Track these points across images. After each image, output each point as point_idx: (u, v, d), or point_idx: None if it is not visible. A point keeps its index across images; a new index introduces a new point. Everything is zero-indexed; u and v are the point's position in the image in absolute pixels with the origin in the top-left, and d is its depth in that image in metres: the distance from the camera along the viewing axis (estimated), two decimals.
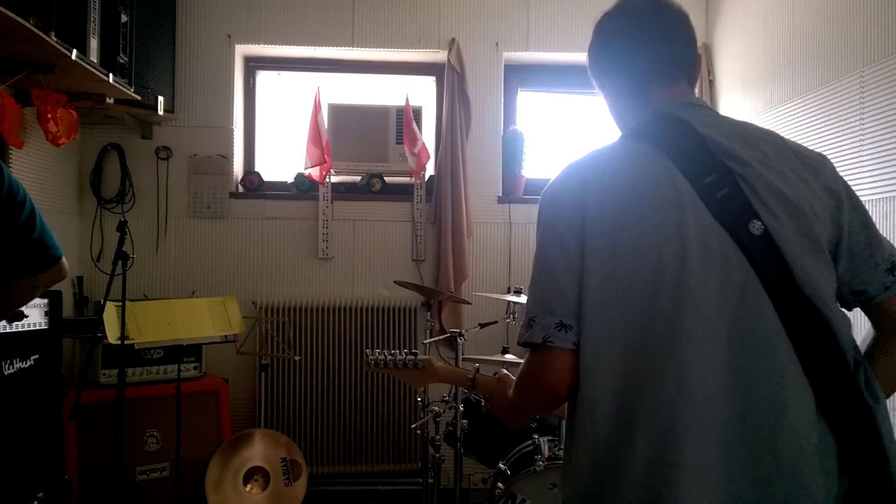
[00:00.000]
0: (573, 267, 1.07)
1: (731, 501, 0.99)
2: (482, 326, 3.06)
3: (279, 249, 3.69)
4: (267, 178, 3.78)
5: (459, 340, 2.73)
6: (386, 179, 3.75)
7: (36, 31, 2.11)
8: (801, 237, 1.05)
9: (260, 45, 3.73)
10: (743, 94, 3.50)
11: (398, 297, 3.64)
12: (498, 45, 3.81)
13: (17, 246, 1.50)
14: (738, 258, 1.03)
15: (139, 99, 3.06)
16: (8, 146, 2.67)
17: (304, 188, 3.72)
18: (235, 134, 3.73)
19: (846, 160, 2.61)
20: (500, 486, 2.58)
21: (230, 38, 3.68)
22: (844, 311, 1.12)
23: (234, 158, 3.71)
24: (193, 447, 3.03)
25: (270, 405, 3.55)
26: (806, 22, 2.93)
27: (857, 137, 2.57)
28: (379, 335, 3.64)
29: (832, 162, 1.17)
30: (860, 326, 1.17)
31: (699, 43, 3.73)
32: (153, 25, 3.30)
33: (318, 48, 3.77)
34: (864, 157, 2.53)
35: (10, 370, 2.30)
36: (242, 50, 3.78)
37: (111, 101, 2.96)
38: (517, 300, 2.89)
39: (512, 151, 3.84)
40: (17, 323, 2.32)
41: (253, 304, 3.58)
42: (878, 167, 2.46)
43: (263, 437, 3.25)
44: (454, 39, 3.74)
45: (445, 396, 2.81)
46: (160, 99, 3.31)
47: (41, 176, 3.15)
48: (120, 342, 2.55)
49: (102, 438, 2.79)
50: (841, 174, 1.16)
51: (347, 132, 3.67)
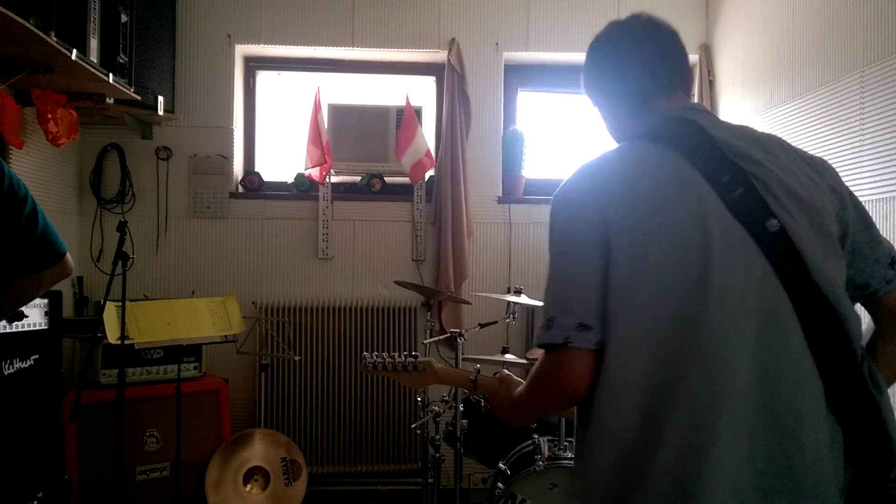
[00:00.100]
0: (594, 266, 1.06)
1: (759, 493, 1.00)
2: (482, 326, 3.06)
3: (279, 249, 3.69)
4: (267, 178, 3.78)
5: (459, 340, 2.73)
6: (386, 179, 3.75)
7: (36, 31, 2.11)
8: (814, 234, 1.08)
9: (260, 45, 3.73)
10: (743, 94, 3.50)
11: (398, 297, 3.64)
12: (498, 45, 3.81)
13: (19, 243, 1.48)
14: (756, 255, 1.05)
15: (139, 99, 3.06)
16: (8, 146, 2.67)
17: (304, 188, 3.72)
18: (235, 134, 3.73)
19: (846, 160, 2.61)
20: (500, 486, 2.58)
21: (230, 38, 3.68)
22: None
23: (234, 158, 3.71)
24: (193, 447, 3.03)
25: (270, 405, 3.55)
26: (806, 22, 2.93)
27: (857, 137, 2.57)
28: (379, 335, 3.65)
29: (832, 165, 1.21)
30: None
31: (699, 43, 3.80)
32: (153, 25, 3.30)
33: (318, 48, 3.77)
34: (864, 157, 2.53)
35: (10, 370, 2.30)
36: (242, 50, 3.78)
37: (111, 101, 2.96)
38: (517, 300, 2.89)
39: (512, 151, 3.83)
40: (17, 323, 2.32)
41: (253, 304, 3.58)
42: (878, 167, 2.46)
43: (263, 437, 3.25)
44: (454, 39, 3.74)
45: (445, 396, 2.81)
46: (160, 99, 3.31)
47: (41, 176, 3.15)
48: (120, 342, 2.55)
49: (102, 438, 2.79)
50: (841, 175, 1.20)
51: (347, 132, 3.67)
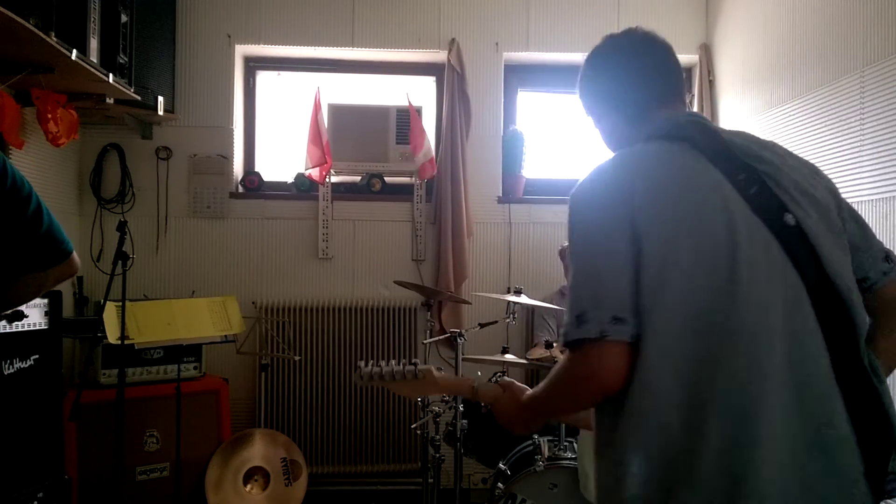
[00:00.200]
0: (624, 260, 1.07)
1: (802, 472, 1.02)
2: (482, 326, 3.06)
3: (279, 249, 3.69)
4: (267, 178, 3.78)
5: (459, 340, 2.73)
6: (386, 179, 3.75)
7: (36, 31, 2.11)
8: (825, 229, 1.13)
9: (260, 45, 3.73)
10: (743, 94, 3.50)
11: (398, 297, 3.64)
12: (498, 45, 3.81)
13: (25, 240, 1.47)
14: (777, 249, 1.10)
15: (139, 99, 3.06)
16: (8, 146, 2.67)
17: (304, 188, 3.72)
18: (235, 134, 3.73)
19: (846, 160, 2.61)
20: (500, 486, 2.58)
21: (230, 38, 3.68)
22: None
23: (234, 158, 3.71)
24: (193, 447, 3.03)
25: (270, 405, 3.55)
26: (806, 22, 2.93)
27: (857, 137, 2.57)
28: (379, 335, 3.65)
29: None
30: None
31: (699, 43, 3.80)
32: (153, 25, 3.30)
33: (318, 48, 3.77)
34: (864, 157, 2.53)
35: (10, 370, 2.30)
36: (242, 50, 3.78)
37: (111, 101, 2.96)
38: (517, 300, 2.89)
39: (512, 151, 3.83)
40: (17, 323, 2.32)
41: (253, 304, 3.58)
42: (878, 167, 2.46)
43: (263, 437, 3.25)
44: (454, 39, 3.74)
45: (445, 396, 2.81)
46: (160, 99, 3.31)
47: (41, 176, 3.15)
48: (120, 342, 2.55)
49: (102, 438, 2.79)
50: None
51: (347, 132, 3.67)
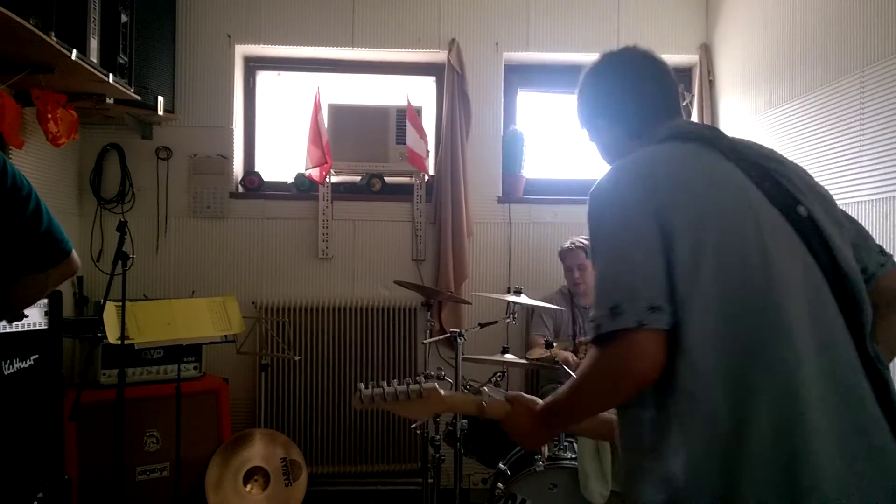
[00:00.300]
0: (655, 250, 1.09)
1: (843, 455, 1.03)
2: (482, 326, 3.06)
3: (279, 249, 3.69)
4: (267, 178, 3.78)
5: (459, 340, 2.73)
6: (386, 179, 3.75)
7: (36, 31, 2.11)
8: (831, 221, 1.18)
9: (260, 45, 3.73)
10: (743, 94, 3.50)
11: (398, 297, 3.64)
12: (498, 45, 3.81)
13: (24, 240, 1.45)
14: (794, 237, 1.14)
15: (139, 99, 3.06)
16: (8, 146, 2.67)
17: (304, 188, 3.72)
18: (235, 134, 3.73)
19: (846, 160, 2.61)
20: (500, 486, 2.58)
21: (230, 38, 3.68)
22: None
23: (234, 158, 3.71)
24: (193, 447, 3.03)
25: (270, 405, 3.55)
26: (806, 22, 2.93)
27: (857, 137, 2.57)
28: (379, 335, 3.65)
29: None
30: None
31: (699, 43, 3.80)
32: (153, 25, 3.30)
33: (318, 48, 3.77)
34: (864, 157, 2.53)
35: (10, 370, 2.30)
36: (242, 50, 3.78)
37: (111, 101, 2.96)
38: (517, 300, 2.89)
39: (512, 151, 3.83)
40: (17, 323, 2.31)
41: (253, 304, 3.58)
42: (878, 167, 2.46)
43: (263, 437, 3.25)
44: (454, 39, 3.74)
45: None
46: (160, 99, 3.31)
47: (41, 176, 3.15)
48: (120, 342, 2.55)
49: (102, 438, 2.79)
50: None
51: (347, 132, 3.67)
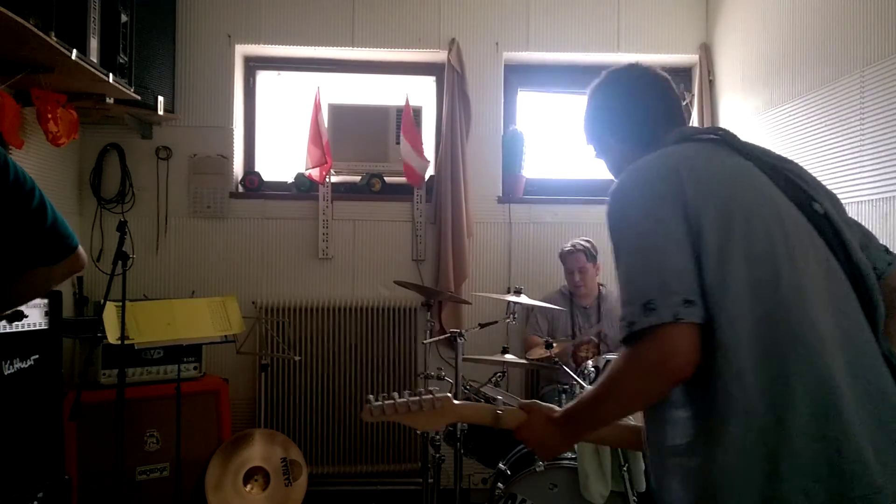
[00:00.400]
0: (684, 244, 1.10)
1: (874, 442, 1.04)
2: (482, 326, 3.07)
3: (279, 249, 3.69)
4: (267, 178, 3.78)
5: (459, 340, 2.73)
6: (386, 179, 3.75)
7: (36, 31, 2.11)
8: (843, 219, 1.21)
9: (260, 45, 3.73)
10: (743, 94, 3.50)
11: (398, 297, 3.64)
12: (498, 45, 3.81)
13: (29, 236, 1.44)
14: (813, 233, 1.17)
15: (139, 99, 3.06)
16: (8, 146, 2.67)
17: (304, 188, 3.72)
18: (235, 134, 3.73)
19: (846, 160, 2.61)
20: (500, 486, 2.58)
21: (230, 38, 3.68)
22: None
23: (234, 158, 3.71)
24: (193, 447, 3.03)
25: (270, 405, 3.55)
26: (806, 22, 2.93)
27: (857, 137, 2.57)
28: (379, 335, 3.65)
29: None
30: None
31: (699, 43, 3.80)
32: (153, 25, 3.30)
33: (318, 48, 3.77)
34: (864, 157, 2.53)
35: (10, 370, 2.30)
36: (242, 50, 3.78)
37: (111, 101, 2.96)
38: (517, 300, 2.89)
39: (512, 151, 3.83)
40: (17, 323, 2.31)
41: (253, 304, 3.58)
42: (878, 167, 2.46)
43: (263, 437, 3.25)
44: (454, 39, 3.74)
45: None
46: (160, 99, 3.31)
47: (41, 176, 3.15)
48: (120, 342, 2.55)
49: (102, 438, 2.79)
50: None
51: (347, 132, 3.67)
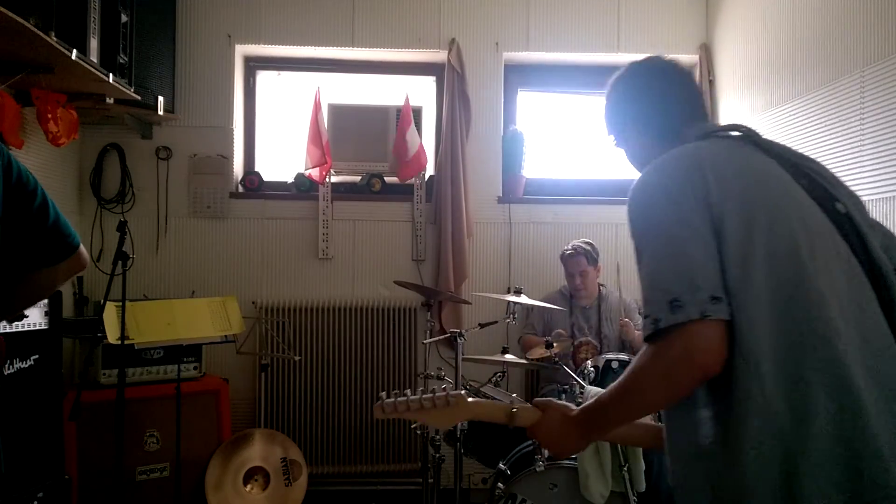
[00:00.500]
0: (709, 241, 1.10)
1: (892, 442, 1.04)
2: (482, 326, 3.06)
3: (279, 249, 3.69)
4: (267, 178, 3.78)
5: (459, 340, 2.73)
6: (386, 179, 3.75)
7: (36, 31, 2.11)
8: (864, 219, 1.20)
9: (260, 45, 3.73)
10: (743, 94, 3.50)
11: (398, 297, 3.64)
12: (498, 45, 3.81)
13: (32, 235, 1.44)
14: (835, 232, 1.16)
15: (139, 99, 3.06)
16: (8, 146, 2.67)
17: (304, 188, 3.72)
18: (235, 134, 3.73)
19: (846, 160, 2.61)
20: (500, 486, 2.58)
21: (230, 38, 3.68)
22: None
23: (234, 158, 3.71)
24: (193, 447, 3.03)
25: (270, 405, 3.55)
26: (806, 22, 2.93)
27: (857, 137, 2.57)
28: (379, 335, 3.65)
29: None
30: None
31: (699, 43, 3.80)
32: (153, 25, 3.30)
33: (318, 48, 3.77)
34: (864, 157, 2.53)
35: (10, 370, 2.30)
36: (242, 50, 3.78)
37: (111, 101, 2.96)
38: (517, 300, 2.89)
39: (512, 151, 3.83)
40: (17, 323, 2.32)
41: (253, 304, 3.58)
42: (878, 167, 2.46)
43: (263, 437, 3.25)
44: (454, 39, 3.74)
45: None
46: (160, 99, 3.31)
47: (41, 176, 3.09)
48: (120, 342, 2.55)
49: (102, 438, 2.79)
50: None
51: (347, 132, 3.67)
